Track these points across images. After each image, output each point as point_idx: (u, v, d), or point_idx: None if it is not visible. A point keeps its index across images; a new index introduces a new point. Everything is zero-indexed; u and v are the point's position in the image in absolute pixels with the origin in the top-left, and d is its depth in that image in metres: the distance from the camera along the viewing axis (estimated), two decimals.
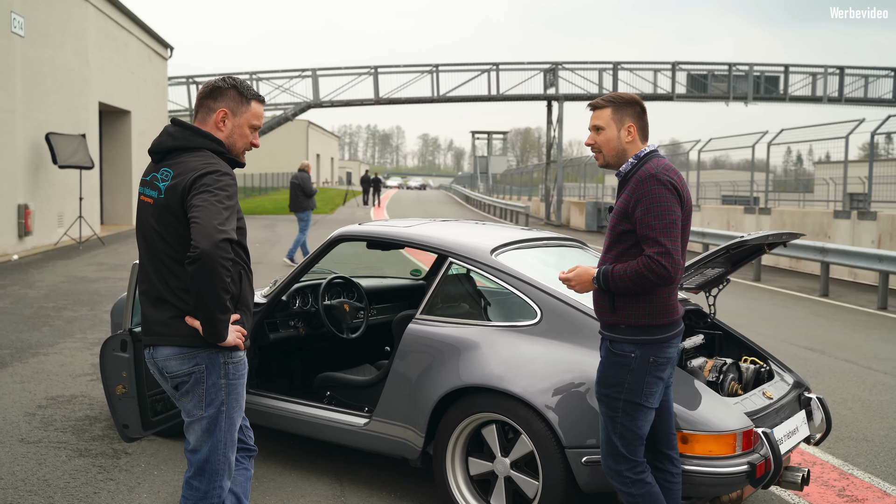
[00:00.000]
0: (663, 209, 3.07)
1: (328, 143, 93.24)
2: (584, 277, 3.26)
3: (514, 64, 32.33)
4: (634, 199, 3.13)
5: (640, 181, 3.13)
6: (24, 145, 15.80)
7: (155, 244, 2.86)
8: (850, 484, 4.72)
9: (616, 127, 3.27)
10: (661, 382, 3.21)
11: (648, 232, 3.07)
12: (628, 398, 3.17)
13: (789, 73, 31.99)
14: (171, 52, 27.21)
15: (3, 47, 14.83)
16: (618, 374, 3.19)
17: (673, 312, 3.20)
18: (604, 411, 3.25)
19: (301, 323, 5.07)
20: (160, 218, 2.84)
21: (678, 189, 3.12)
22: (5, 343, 7.68)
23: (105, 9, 20.36)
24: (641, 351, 3.16)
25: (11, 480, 4.37)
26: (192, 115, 3.05)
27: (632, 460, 3.22)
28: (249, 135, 3.02)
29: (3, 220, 14.95)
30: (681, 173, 3.23)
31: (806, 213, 17.36)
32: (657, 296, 3.15)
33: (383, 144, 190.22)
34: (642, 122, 3.31)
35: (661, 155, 3.28)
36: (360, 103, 32.13)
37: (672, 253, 3.04)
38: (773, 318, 10.67)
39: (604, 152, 3.32)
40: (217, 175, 2.77)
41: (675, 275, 3.07)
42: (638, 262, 3.08)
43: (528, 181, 46.01)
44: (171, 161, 2.87)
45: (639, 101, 3.33)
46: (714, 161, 37.77)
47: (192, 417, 2.92)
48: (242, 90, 2.96)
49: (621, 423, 3.20)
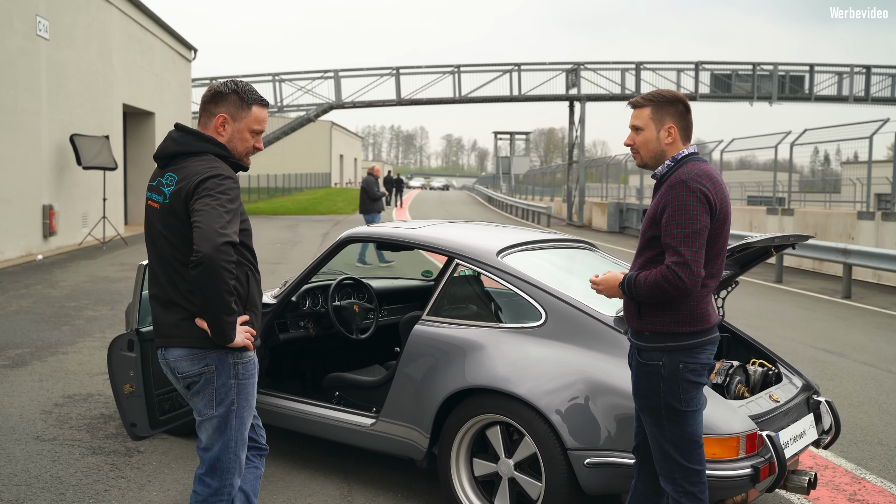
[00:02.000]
0: (687, 217, 2.92)
1: (351, 144, 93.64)
2: (612, 283, 3.14)
3: (536, 64, 32.28)
4: (663, 204, 3.00)
5: (671, 186, 2.99)
6: (49, 147, 16.02)
7: (163, 248, 2.91)
8: (861, 488, 4.67)
9: (655, 127, 3.11)
10: (698, 387, 3.06)
11: (670, 240, 2.94)
12: (668, 405, 3.04)
13: (815, 72, 31.67)
14: (194, 54, 27.46)
15: (29, 50, 15.04)
16: (650, 384, 3.06)
17: (701, 320, 3.03)
18: (647, 421, 3.12)
19: (311, 323, 5.10)
20: (166, 222, 2.88)
21: (709, 197, 2.94)
22: (26, 342, 7.79)
23: (129, 11, 20.59)
24: (669, 358, 3.02)
25: (25, 477, 4.45)
26: (197, 119, 3.09)
27: (688, 468, 3.06)
28: (251, 139, 3.04)
29: (28, 220, 15.16)
30: (720, 180, 3.04)
31: (829, 213, 17.18)
32: (684, 303, 3.00)
33: (407, 145, 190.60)
34: (685, 121, 3.12)
35: (700, 158, 3.10)
36: (382, 104, 32.23)
37: (690, 264, 2.89)
38: (793, 320, 10.58)
39: (641, 153, 3.16)
40: (219, 179, 2.80)
41: (692, 287, 2.91)
42: (658, 272, 2.96)
43: (550, 182, 45.94)
44: (175, 166, 2.91)
45: (682, 100, 3.14)
46: (740, 161, 37.51)
47: (204, 416, 2.96)
48: (243, 95, 2.98)
49: (669, 431, 3.06)
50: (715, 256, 3.06)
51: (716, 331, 3.14)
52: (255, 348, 2.99)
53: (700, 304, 3.05)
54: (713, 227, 3.00)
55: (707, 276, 3.06)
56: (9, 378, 6.46)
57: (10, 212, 14.39)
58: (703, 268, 2.95)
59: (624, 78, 31.39)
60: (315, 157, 72.33)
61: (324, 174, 71.15)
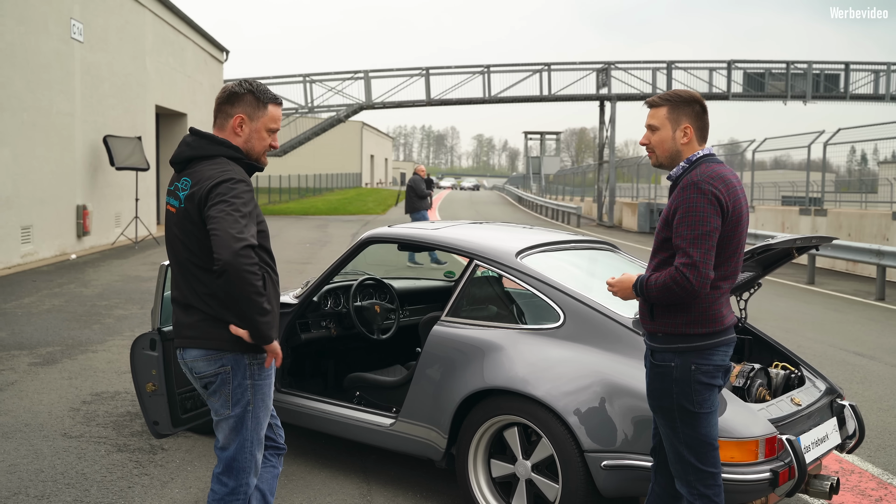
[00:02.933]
0: (697, 219, 2.92)
1: (382, 144, 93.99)
2: (626, 285, 3.14)
3: (566, 64, 32.15)
4: (675, 205, 3.00)
5: (683, 188, 2.99)
6: (83, 148, 16.27)
7: (180, 252, 2.95)
8: (888, 494, 4.60)
9: (671, 127, 3.11)
10: (711, 389, 3.04)
11: (679, 241, 2.94)
12: (680, 406, 3.02)
13: (850, 70, 31.19)
14: (226, 56, 27.73)
15: (63, 53, 15.30)
16: (663, 385, 3.06)
17: (714, 322, 3.02)
18: (661, 422, 3.11)
19: (333, 324, 5.14)
20: (182, 227, 2.92)
21: (720, 199, 2.93)
22: (57, 340, 7.93)
23: (162, 14, 20.85)
24: (681, 359, 3.01)
25: (51, 473, 4.53)
26: (213, 120, 3.12)
27: (702, 471, 3.04)
28: (267, 138, 3.07)
29: (62, 220, 15.42)
30: (734, 182, 3.03)
31: (864, 214, 16.91)
32: (696, 304, 2.99)
33: (438, 145, 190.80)
34: (701, 122, 3.12)
35: (715, 159, 3.09)
36: (412, 104, 32.31)
37: (699, 266, 2.89)
38: (824, 322, 10.43)
39: (657, 153, 3.17)
40: (231, 183, 2.83)
41: (699, 288, 2.90)
42: (667, 273, 2.96)
43: (581, 182, 45.70)
44: (189, 170, 2.95)
45: (698, 100, 3.14)
46: (775, 161, 37.04)
47: (220, 416, 3.00)
48: (259, 94, 3.01)
49: (683, 433, 3.05)
50: (728, 258, 3.04)
51: (731, 332, 3.11)
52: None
53: (713, 306, 3.03)
54: (726, 229, 2.98)
55: (720, 278, 3.04)
56: (39, 376, 6.58)
57: (45, 212, 14.64)
58: (712, 269, 2.94)
59: (655, 77, 31.16)
60: (346, 158, 72.71)
61: (354, 174, 71.50)
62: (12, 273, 12.71)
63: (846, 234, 16.70)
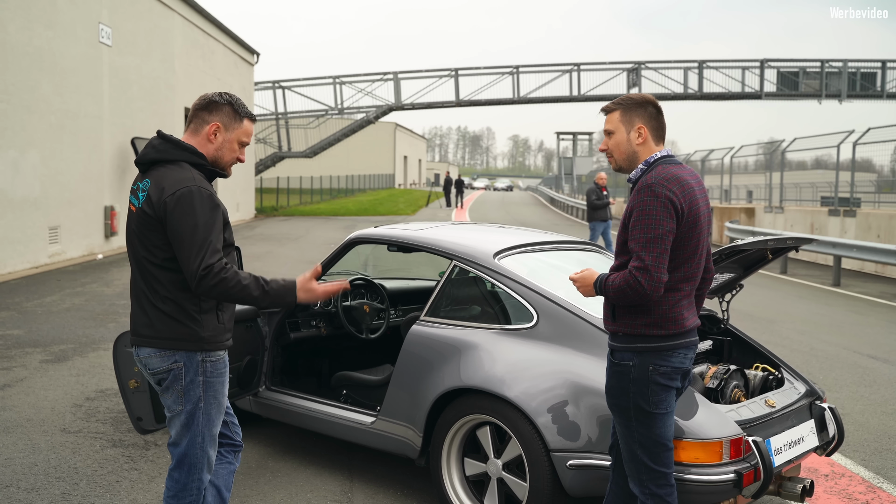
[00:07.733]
0: (650, 222, 2.94)
1: (416, 146, 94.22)
2: (588, 281, 3.17)
3: (596, 64, 32.04)
4: (631, 207, 3.04)
5: (638, 191, 3.02)
6: (111, 150, 16.59)
7: (138, 250, 3.03)
8: (875, 497, 4.54)
9: (625, 129, 3.16)
10: (668, 391, 3.07)
11: (633, 245, 2.97)
12: (637, 406, 3.06)
13: (887, 68, 30.64)
14: (257, 58, 28.06)
15: (92, 57, 15.61)
16: (621, 384, 3.09)
17: (674, 324, 3.04)
18: (618, 421, 3.15)
19: (322, 323, 5.20)
20: (140, 226, 3.00)
21: (674, 201, 2.96)
22: (71, 338, 8.11)
23: (191, 17, 21.17)
24: (639, 359, 3.05)
25: (45, 467, 4.65)
26: (186, 124, 3.20)
27: (655, 470, 3.08)
28: (238, 150, 3.16)
29: (91, 221, 15.73)
30: (691, 183, 3.04)
31: (893, 215, 16.60)
32: (657, 306, 3.02)
33: (473, 146, 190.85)
34: (656, 122, 3.16)
35: (673, 161, 3.12)
36: (441, 105, 32.44)
37: (651, 269, 2.91)
38: (842, 325, 10.27)
39: (615, 156, 3.21)
40: (187, 195, 2.90)
41: (651, 292, 2.92)
42: (622, 275, 2.99)
43: (613, 182, 45.32)
44: (152, 172, 3.02)
45: (652, 102, 3.19)
46: (816, 161, 36.47)
47: (172, 412, 3.07)
48: (237, 108, 3.10)
49: (638, 432, 3.09)
50: (687, 259, 3.04)
51: (692, 335, 3.13)
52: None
53: (674, 308, 3.05)
54: (681, 230, 2.99)
55: (680, 280, 3.05)
56: (49, 372, 6.74)
57: (74, 213, 14.95)
58: (665, 273, 2.96)
59: (686, 77, 30.93)
60: (379, 159, 72.98)
61: (387, 175, 71.77)
62: (39, 272, 13.01)
63: (875, 236, 16.40)
